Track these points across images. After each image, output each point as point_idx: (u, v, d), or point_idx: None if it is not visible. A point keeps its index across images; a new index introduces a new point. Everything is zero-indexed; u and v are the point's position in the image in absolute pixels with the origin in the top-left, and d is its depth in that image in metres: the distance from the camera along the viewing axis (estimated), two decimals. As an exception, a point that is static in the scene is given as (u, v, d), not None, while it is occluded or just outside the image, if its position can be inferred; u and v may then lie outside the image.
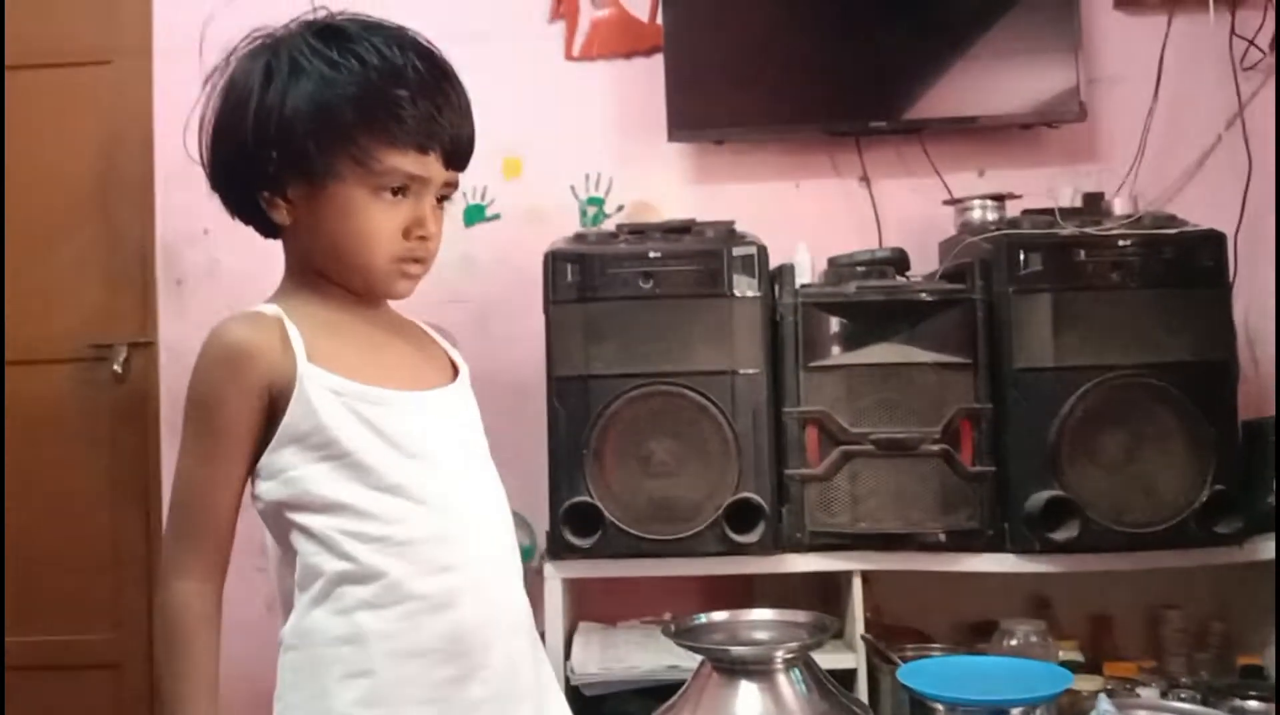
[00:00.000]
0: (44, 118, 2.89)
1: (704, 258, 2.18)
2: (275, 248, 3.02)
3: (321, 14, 1.04)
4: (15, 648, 2.77)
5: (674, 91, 2.61)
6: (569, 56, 2.77)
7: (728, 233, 2.25)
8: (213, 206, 3.11)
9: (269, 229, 1.08)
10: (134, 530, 2.80)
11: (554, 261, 2.21)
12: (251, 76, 1.00)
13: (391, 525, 0.97)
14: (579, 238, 2.30)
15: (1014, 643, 2.19)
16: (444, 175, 1.03)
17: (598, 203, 2.71)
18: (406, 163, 0.99)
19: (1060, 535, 2.09)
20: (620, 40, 2.76)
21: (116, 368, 2.79)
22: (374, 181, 0.99)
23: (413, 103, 0.97)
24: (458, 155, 1.03)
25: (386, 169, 0.98)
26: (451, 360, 1.15)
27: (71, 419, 2.83)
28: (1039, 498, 2.10)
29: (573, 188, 2.74)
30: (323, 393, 0.97)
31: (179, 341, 2.81)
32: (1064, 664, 1.93)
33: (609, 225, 2.56)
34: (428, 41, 1.03)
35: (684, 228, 2.27)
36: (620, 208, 2.68)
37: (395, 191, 1.00)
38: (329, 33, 1.00)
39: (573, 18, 2.77)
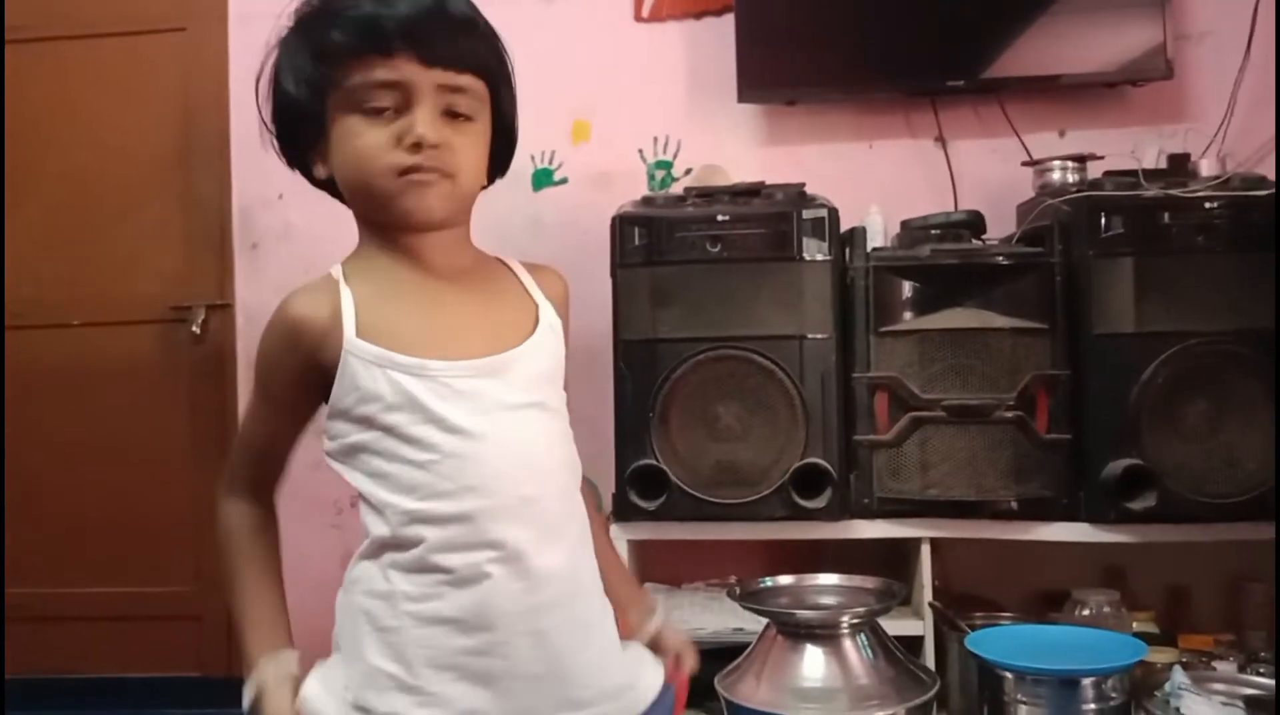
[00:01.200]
0: (121, 85, 2.96)
1: (773, 221, 2.16)
2: (346, 212, 3.07)
3: None
4: (99, 598, 2.89)
5: (745, 52, 2.58)
6: (639, 18, 2.74)
7: (798, 195, 2.22)
8: (287, 171, 3.16)
9: (337, 191, 1.09)
10: (213, 486, 2.86)
11: (621, 225, 2.20)
12: (272, 55, 1.06)
13: (428, 500, 0.97)
14: (647, 201, 2.29)
15: (1086, 613, 2.16)
16: (429, 76, 0.97)
17: (666, 166, 2.69)
18: (375, 71, 0.97)
19: (1137, 505, 2.04)
20: (691, 0, 2.73)
21: (195, 329, 2.86)
22: (354, 102, 0.98)
23: (356, 8, 0.97)
24: (442, 52, 0.98)
25: (358, 83, 0.98)
26: (537, 312, 1.09)
27: (152, 378, 2.92)
28: (1116, 466, 2.05)
29: (640, 151, 2.72)
30: (367, 367, 0.98)
31: (255, 303, 2.87)
32: (1138, 635, 1.90)
33: (677, 189, 2.54)
34: None
35: (753, 190, 2.24)
36: (688, 171, 2.66)
37: (380, 110, 0.98)
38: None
39: (642, -23, 2.74)
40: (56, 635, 2.89)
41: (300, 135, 1.04)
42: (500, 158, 1.10)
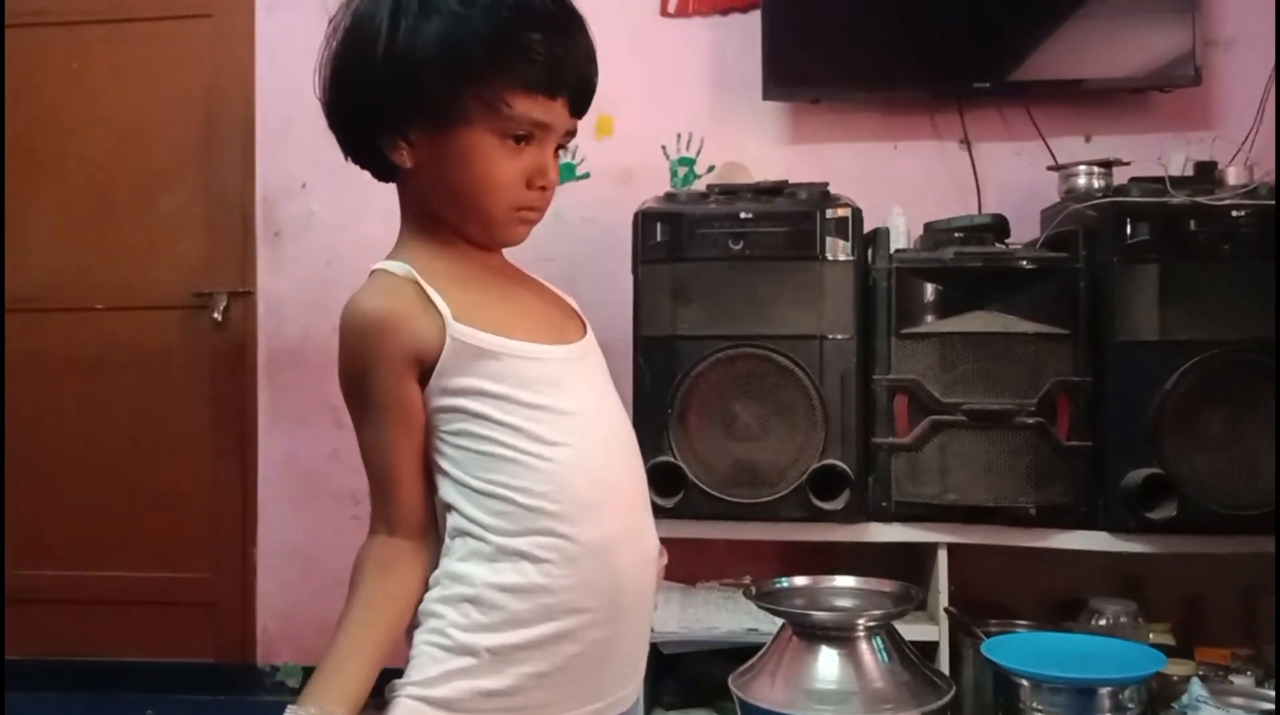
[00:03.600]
0: (146, 71, 2.97)
1: (796, 219, 2.15)
2: (369, 202, 3.04)
3: None
4: (115, 582, 2.90)
5: (771, 49, 2.57)
6: (664, 13, 2.74)
7: (821, 194, 2.21)
8: (310, 161, 3.16)
9: (384, 173, 1.05)
10: (231, 474, 2.89)
11: (644, 221, 2.20)
12: (379, 14, 0.96)
13: (528, 482, 0.96)
14: (669, 197, 2.29)
15: (1103, 622, 2.14)
16: (568, 123, 1.00)
17: (689, 163, 2.69)
18: (535, 108, 0.96)
19: (1157, 514, 2.03)
20: (717, -3, 2.72)
21: (216, 316, 2.87)
22: (501, 126, 0.95)
23: (546, 45, 0.94)
24: (583, 102, 1.01)
25: (516, 114, 0.95)
26: (578, 312, 1.12)
27: (173, 365, 2.93)
28: (1136, 475, 2.03)
29: (664, 148, 2.72)
30: (475, 350, 0.96)
31: (276, 291, 2.88)
32: (1155, 647, 1.88)
33: (699, 186, 2.53)
34: None
35: (776, 189, 2.24)
36: (711, 168, 2.65)
37: (519, 138, 0.97)
38: None
39: (669, -27, 2.74)
40: (73, 618, 2.91)
41: (398, 112, 0.97)
42: None
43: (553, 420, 0.97)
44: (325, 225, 2.85)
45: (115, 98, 2.97)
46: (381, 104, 0.97)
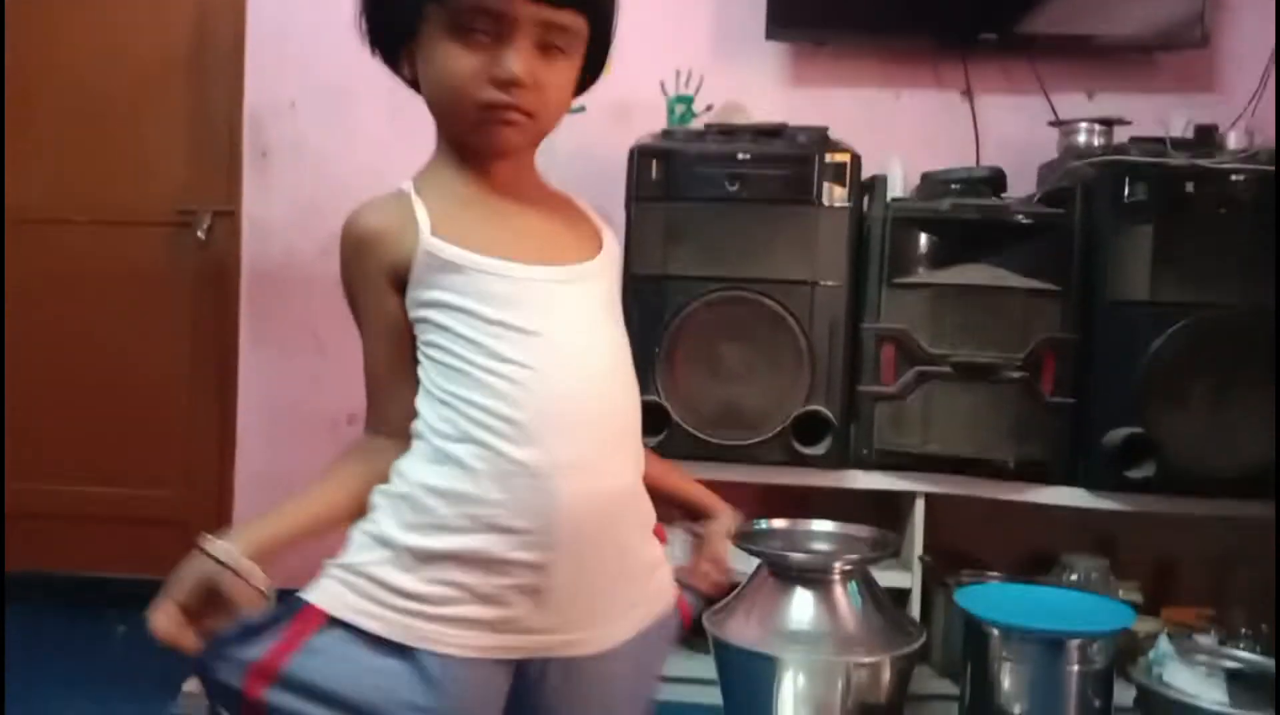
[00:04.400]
0: (137, -19, 2.89)
1: (794, 163, 2.13)
2: (359, 128, 2.98)
3: None
4: (90, 497, 2.89)
5: (775, -13, 2.52)
6: (668, -54, 2.68)
7: (820, 139, 2.18)
8: (301, 80, 3.10)
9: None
10: (210, 396, 2.87)
11: (639, 157, 2.18)
12: None
13: (502, 401, 0.96)
14: (666, 135, 2.26)
15: (1074, 577, 2.17)
16: (534, 12, 0.95)
17: (686, 101, 2.64)
18: None
19: (1136, 474, 2.05)
20: (723, -69, 2.67)
21: (200, 234, 2.83)
22: (452, 21, 0.95)
23: None
24: None
25: (463, 5, 0.94)
26: (602, 239, 1.09)
27: (155, 282, 2.89)
28: (1117, 434, 2.05)
29: (662, 84, 2.67)
30: (444, 265, 0.97)
31: (261, 213, 2.84)
32: (1124, 603, 1.91)
33: (697, 125, 2.50)
34: None
35: (775, 131, 2.21)
36: (710, 107, 2.61)
37: (474, 32, 0.95)
38: None
39: (676, -94, 2.68)
40: (45, 532, 2.90)
41: (389, 30, 1.01)
42: (587, 84, 1.07)
43: (512, 337, 0.96)
44: (314, 148, 2.80)
45: (104, 10, 2.89)
46: (376, 24, 1.01)
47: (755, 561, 1.84)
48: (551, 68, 0.98)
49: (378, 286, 0.99)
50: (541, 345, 0.97)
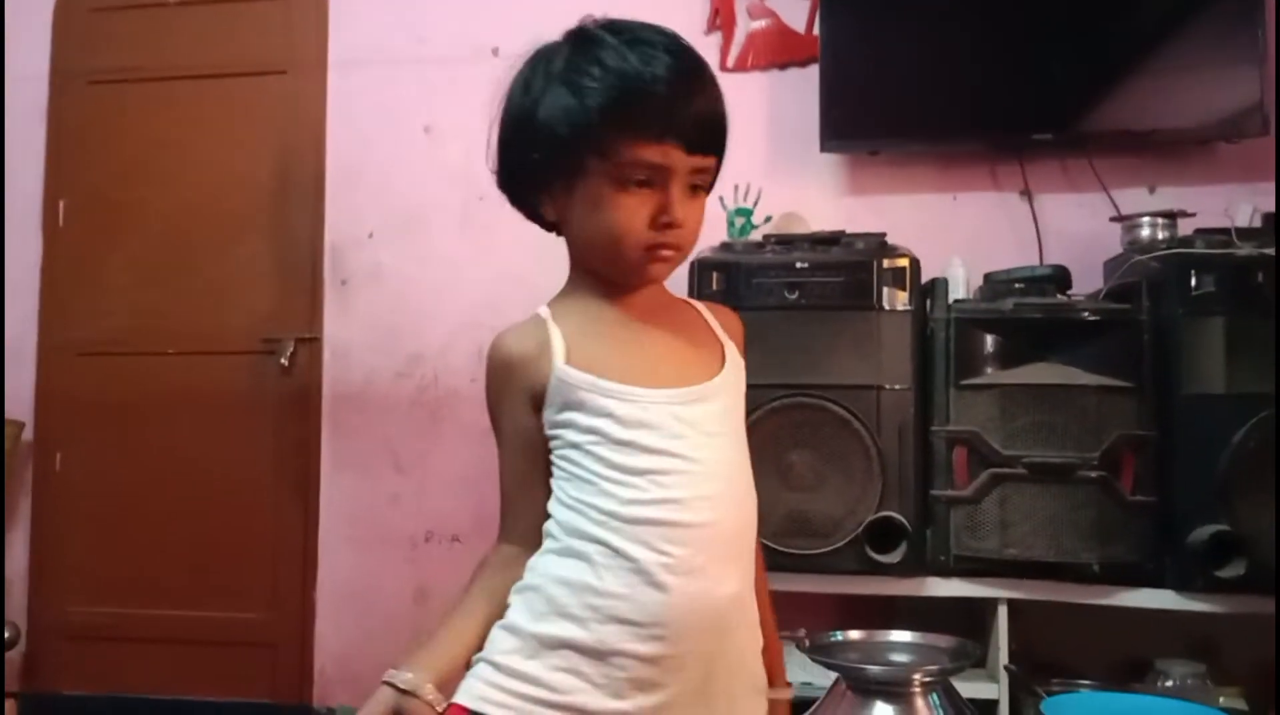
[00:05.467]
0: (224, 124, 3.08)
1: (853, 269, 2.15)
2: (434, 252, 3.09)
3: (585, 21, 1.11)
4: (177, 621, 2.96)
5: (828, 101, 2.59)
6: (724, 68, 2.78)
7: (879, 245, 2.21)
8: (378, 211, 3.24)
9: (548, 225, 1.16)
10: (293, 517, 2.94)
11: (700, 270, 2.22)
12: (515, 88, 1.10)
13: (625, 506, 1.03)
14: (725, 247, 2.30)
15: (1170, 684, 2.08)
16: (688, 162, 1.04)
17: (746, 213, 2.70)
18: (646, 153, 1.02)
19: (1226, 573, 1.97)
20: (776, 51, 2.76)
21: (284, 361, 2.94)
22: (617, 173, 1.03)
23: (650, 96, 1.02)
24: (701, 141, 1.05)
25: (627, 161, 1.02)
26: (724, 353, 1.16)
27: (241, 409, 3.00)
28: (1204, 532, 1.98)
29: (721, 198, 2.73)
30: (574, 388, 1.06)
31: (342, 338, 2.94)
32: (1225, 711, 1.82)
33: (756, 236, 2.55)
34: (675, 36, 1.07)
35: (833, 239, 2.24)
36: (768, 219, 2.66)
37: (640, 183, 1.03)
38: (582, 40, 1.08)
39: (729, 29, 2.78)
40: (135, 656, 2.96)
41: (537, 172, 1.09)
42: None
43: (638, 455, 1.04)
44: (391, 274, 2.92)
45: (194, 150, 3.08)
46: (522, 165, 1.09)
47: (832, 675, 1.79)
48: (694, 204, 1.07)
49: (515, 406, 1.09)
50: (664, 462, 1.04)
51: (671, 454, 1.05)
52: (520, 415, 1.09)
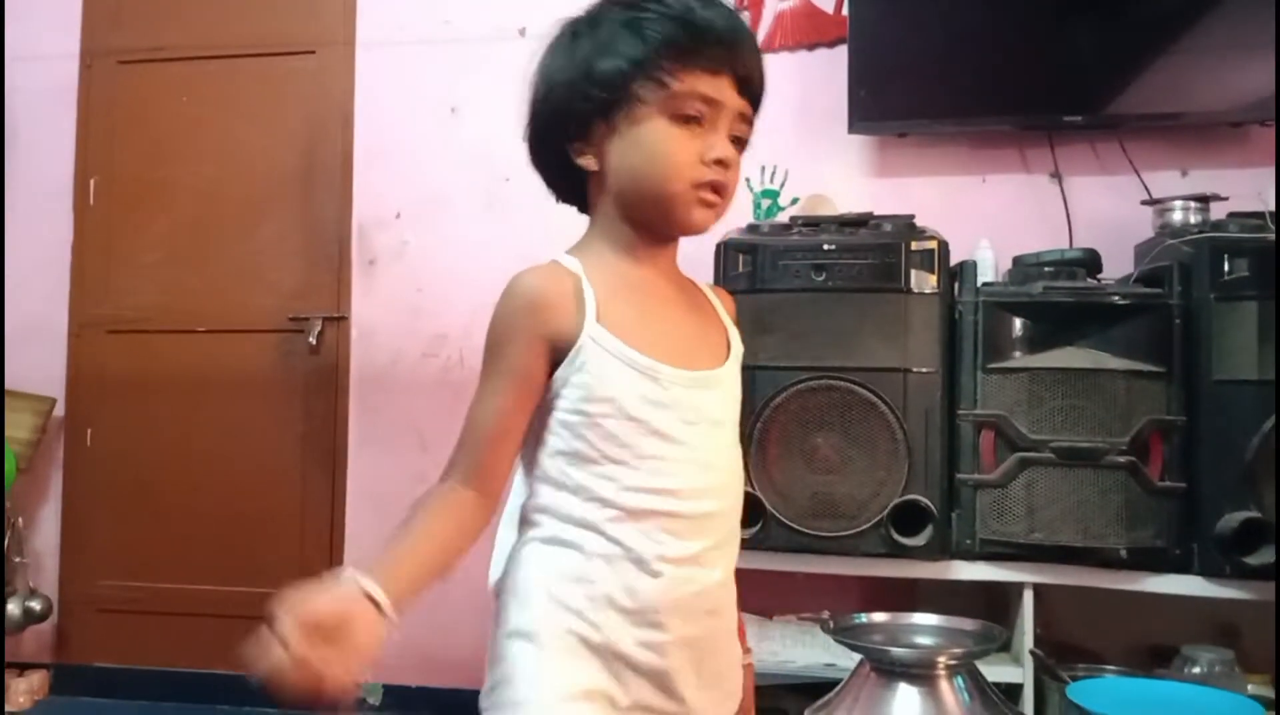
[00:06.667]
0: (252, 103, 3.10)
1: (880, 251, 2.14)
2: (460, 233, 3.09)
3: None
4: (206, 595, 2.99)
5: (857, 82, 2.57)
6: (751, 48, 2.76)
7: (907, 227, 2.20)
8: (405, 192, 3.25)
9: (574, 192, 1.13)
10: (320, 494, 2.97)
11: (726, 251, 2.21)
12: (560, 43, 1.09)
13: (622, 493, 1.02)
14: (752, 229, 2.30)
15: (1197, 670, 2.06)
16: (737, 103, 1.04)
17: (772, 195, 2.69)
18: (701, 83, 1.02)
19: (1254, 559, 1.96)
20: (804, 31, 2.74)
21: (311, 340, 2.96)
22: (672, 105, 1.02)
23: (708, 26, 1.02)
24: (749, 84, 1.05)
25: (683, 89, 1.02)
26: (729, 340, 1.14)
27: (269, 386, 3.03)
28: (1233, 518, 1.97)
29: (748, 180, 2.72)
30: (602, 355, 1.02)
31: (369, 317, 2.96)
32: (1254, 699, 1.81)
33: (783, 218, 2.54)
34: None
35: (860, 221, 2.23)
36: (795, 201, 2.65)
37: (691, 119, 1.02)
38: None
39: (757, 9, 2.77)
40: (165, 629, 3.01)
41: (581, 115, 1.06)
42: None
43: (644, 437, 1.02)
44: (417, 253, 2.93)
45: (222, 129, 3.10)
46: (564, 113, 1.06)
47: (856, 657, 1.80)
48: (736, 156, 1.06)
49: (528, 347, 1.02)
50: (668, 449, 1.03)
51: (677, 441, 1.03)
52: (530, 358, 1.02)
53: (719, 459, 1.07)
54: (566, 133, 1.07)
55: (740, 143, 1.07)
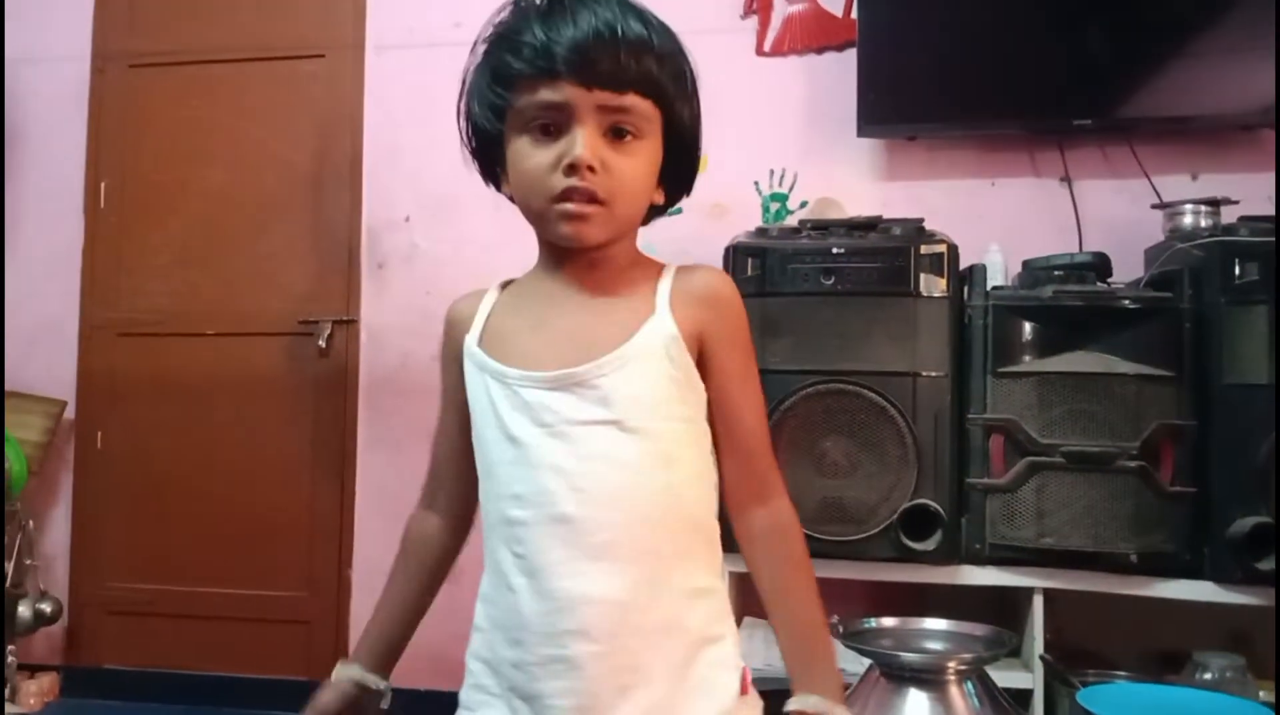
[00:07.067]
0: (263, 107, 3.10)
1: (889, 255, 2.14)
2: (469, 235, 3.10)
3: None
4: (215, 598, 3.00)
5: (866, 86, 2.57)
6: (760, 52, 2.76)
7: (916, 230, 2.19)
8: (414, 195, 3.25)
9: None
10: (329, 496, 2.97)
11: (735, 255, 2.21)
12: (462, 89, 1.09)
13: (490, 500, 1.04)
14: (761, 232, 2.30)
15: (1208, 676, 2.05)
16: (590, 98, 0.96)
17: (781, 199, 2.70)
18: (540, 92, 0.97)
19: (1266, 565, 1.95)
20: (813, 34, 2.74)
21: (321, 343, 2.97)
22: (519, 122, 0.99)
23: (530, 34, 0.97)
24: (598, 74, 0.96)
25: (523, 103, 0.98)
26: (646, 323, 1.02)
27: (278, 389, 3.03)
28: (1244, 523, 1.96)
29: (756, 183, 2.73)
30: (471, 368, 1.05)
31: (378, 320, 2.97)
32: (1265, 705, 1.80)
33: (792, 222, 2.54)
34: None
35: (869, 224, 2.23)
36: (804, 204, 2.65)
37: (545, 129, 0.98)
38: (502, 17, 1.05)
39: (766, 13, 2.77)
40: (174, 631, 3.01)
41: (486, 154, 1.08)
42: (680, 175, 1.08)
43: (502, 444, 1.02)
44: (427, 257, 2.94)
45: (232, 133, 3.11)
46: (476, 152, 1.08)
47: (865, 662, 1.80)
48: (622, 152, 0.99)
49: (448, 368, 1.10)
50: (514, 453, 1.00)
51: (523, 443, 0.99)
52: (450, 379, 1.10)
53: (591, 464, 0.98)
54: (489, 169, 1.08)
55: (626, 133, 0.99)
